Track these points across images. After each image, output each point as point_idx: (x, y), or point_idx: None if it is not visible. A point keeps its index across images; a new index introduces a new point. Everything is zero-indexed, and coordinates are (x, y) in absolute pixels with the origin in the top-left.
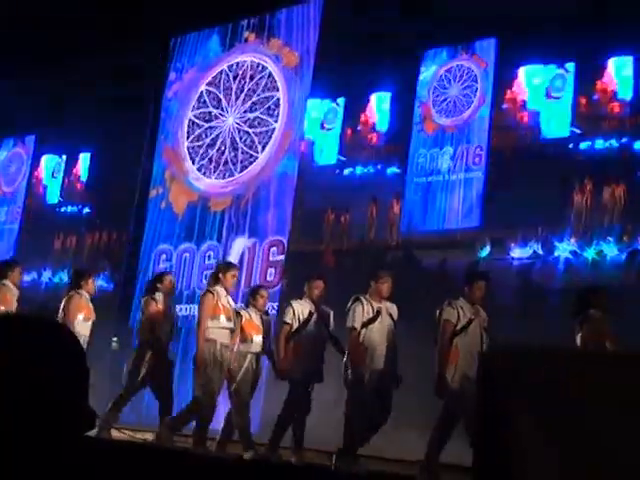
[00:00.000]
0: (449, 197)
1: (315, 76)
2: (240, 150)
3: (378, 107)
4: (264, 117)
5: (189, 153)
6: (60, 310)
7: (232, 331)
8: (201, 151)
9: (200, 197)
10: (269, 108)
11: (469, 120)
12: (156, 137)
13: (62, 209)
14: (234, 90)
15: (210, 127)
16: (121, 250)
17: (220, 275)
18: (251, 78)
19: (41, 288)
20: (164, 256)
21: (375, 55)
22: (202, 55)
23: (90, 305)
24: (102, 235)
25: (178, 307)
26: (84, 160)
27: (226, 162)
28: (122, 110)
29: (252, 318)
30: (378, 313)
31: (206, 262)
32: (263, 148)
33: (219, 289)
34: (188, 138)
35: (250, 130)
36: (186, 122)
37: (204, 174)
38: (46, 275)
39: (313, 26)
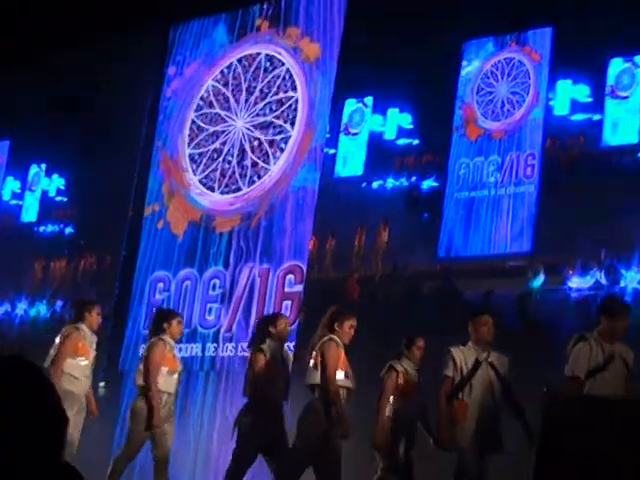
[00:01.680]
0: (496, 216)
1: (339, 71)
2: (251, 160)
3: (412, 108)
4: (279, 120)
5: (191, 163)
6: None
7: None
8: (205, 161)
9: (204, 216)
10: (285, 110)
11: (520, 124)
12: (152, 144)
13: (40, 228)
14: (244, 88)
15: (216, 132)
16: (110, 277)
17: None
18: (264, 74)
19: (15, 322)
20: (161, 285)
21: (409, 47)
22: (206, 47)
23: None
24: (88, 260)
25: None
26: (67, 170)
27: (234, 174)
28: (112, 111)
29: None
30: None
31: (210, 292)
32: (278, 157)
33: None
34: (190, 145)
35: (263, 136)
36: (187, 126)
37: (208, 188)
38: (21, 307)
39: (338, 12)
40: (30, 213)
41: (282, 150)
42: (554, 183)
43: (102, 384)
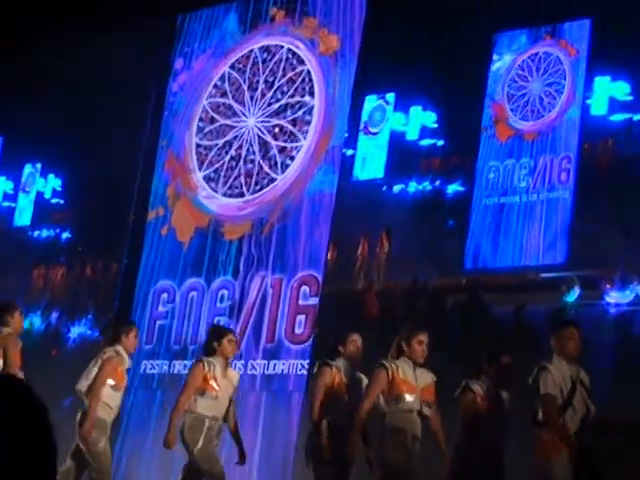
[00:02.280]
0: (527, 224)
1: (359, 66)
2: (263, 160)
3: (437, 106)
4: (294, 118)
5: (198, 163)
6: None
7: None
8: (214, 161)
9: (212, 221)
10: (301, 106)
11: (554, 124)
12: (156, 142)
13: (35, 233)
14: (257, 83)
15: (225, 131)
16: (110, 287)
17: None
18: (278, 68)
19: None
20: (165, 295)
21: (435, 39)
22: (216, 38)
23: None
24: (86, 267)
25: (181, 364)
26: (64, 170)
27: (245, 176)
28: (113, 107)
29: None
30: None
31: (218, 304)
32: (292, 158)
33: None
34: (198, 145)
35: (276, 135)
36: (195, 124)
37: (217, 191)
38: None
39: (358, 1)
40: (24, 216)
41: (297, 151)
42: (591, 189)
43: None
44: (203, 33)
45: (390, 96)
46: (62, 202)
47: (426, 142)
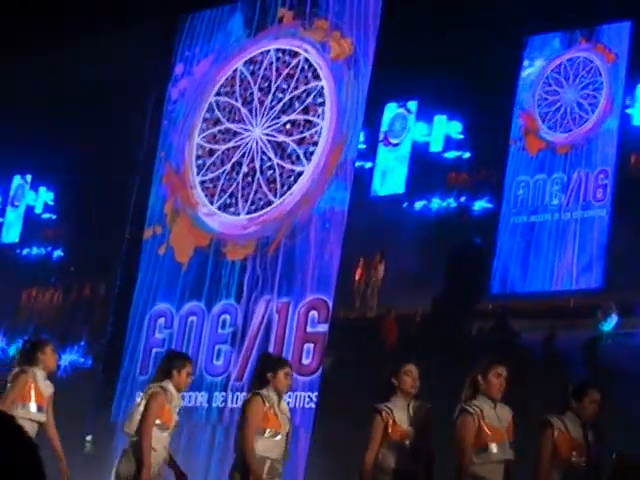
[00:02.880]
0: (560, 245)
1: (377, 71)
2: (269, 174)
3: (463, 115)
4: (303, 129)
5: (199, 178)
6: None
7: None
8: (216, 175)
9: (213, 240)
10: (311, 116)
11: (590, 135)
12: (154, 155)
13: (24, 251)
14: (263, 90)
15: (228, 142)
16: (103, 311)
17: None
18: (287, 75)
19: None
20: (162, 320)
21: (461, 42)
22: (220, 41)
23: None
24: (78, 289)
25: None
26: (56, 183)
27: (250, 191)
28: (107, 115)
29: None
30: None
31: (220, 330)
32: (301, 172)
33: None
34: (199, 157)
35: (284, 146)
36: (196, 134)
37: (219, 208)
38: None
39: (374, 1)
40: (12, 233)
41: (306, 164)
42: (629, 206)
43: (89, 438)
44: (205, 36)
45: (412, 104)
46: (54, 217)
47: (451, 154)
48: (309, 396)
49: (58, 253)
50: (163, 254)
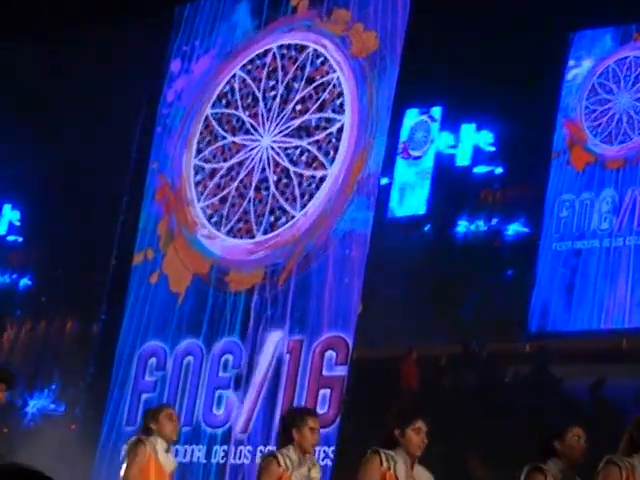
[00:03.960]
0: (610, 276)
1: (402, 72)
2: (280, 190)
3: (495, 124)
4: (319, 138)
5: (198, 193)
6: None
7: None
8: (218, 190)
9: (214, 267)
10: (328, 123)
11: None
12: (146, 167)
13: None
14: (274, 93)
15: (234, 151)
16: (82, 350)
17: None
18: (302, 75)
19: None
20: (154, 361)
21: (494, 40)
22: (224, 34)
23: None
24: (51, 324)
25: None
26: (25, 200)
27: (257, 210)
28: (90, 121)
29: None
30: None
31: (221, 373)
32: (317, 188)
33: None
34: (197, 169)
35: (296, 159)
36: (195, 142)
37: (221, 229)
38: None
39: None
40: None
41: (322, 179)
42: None
43: None
44: (206, 28)
45: (436, 110)
46: (20, 240)
47: (481, 169)
48: (325, 451)
49: (25, 282)
50: (155, 283)
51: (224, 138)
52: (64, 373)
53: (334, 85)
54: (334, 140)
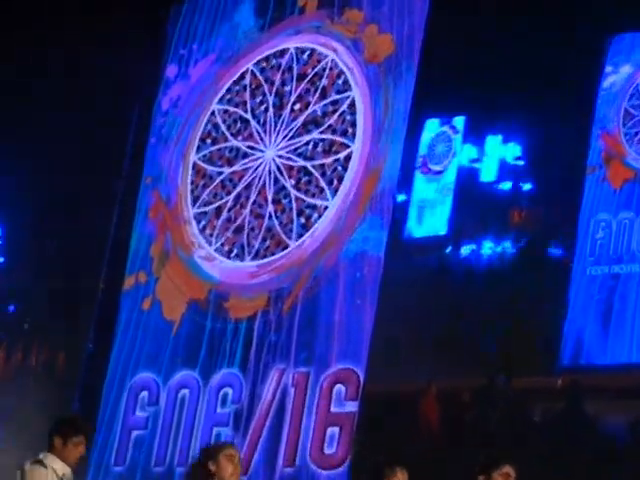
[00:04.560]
0: None
1: (420, 79)
2: (284, 208)
3: (523, 136)
4: (329, 150)
5: (196, 210)
6: None
7: None
8: (217, 208)
9: (213, 291)
10: (338, 133)
11: None
12: (138, 181)
13: None
14: (279, 100)
15: (234, 164)
16: (67, 383)
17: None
18: (310, 81)
19: None
20: (145, 394)
21: (522, 43)
22: (224, 36)
23: None
24: (34, 354)
25: None
26: (5, 217)
27: (260, 229)
28: (77, 129)
29: None
30: None
31: (219, 408)
32: (325, 207)
33: None
34: (195, 184)
35: (304, 173)
36: (192, 154)
37: (220, 251)
38: None
39: None
40: None
41: (333, 194)
42: None
43: None
44: (205, 29)
45: (459, 121)
46: (1, 261)
47: (507, 185)
48: None
49: (6, 306)
50: (148, 309)
51: (220, 162)
52: (49, 407)
53: (346, 94)
54: (345, 152)
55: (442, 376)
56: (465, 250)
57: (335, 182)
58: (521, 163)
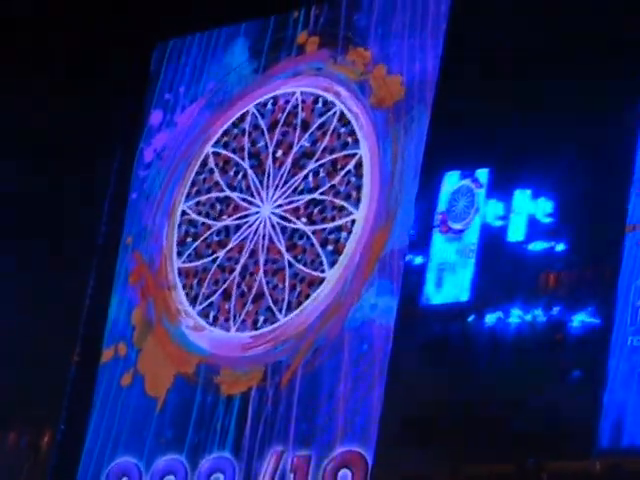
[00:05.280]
0: None
1: (436, 126)
2: (282, 271)
3: (555, 190)
4: (332, 206)
5: (181, 273)
6: None
7: None
8: (206, 270)
9: (202, 365)
10: (342, 187)
11: None
12: (117, 242)
13: None
14: (277, 151)
15: (226, 222)
16: (39, 468)
17: None
18: (309, 129)
19: None
20: None
21: (553, 87)
22: (215, 78)
23: None
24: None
25: None
26: None
27: (254, 296)
28: (48, 186)
29: None
30: None
31: None
32: (330, 265)
33: None
34: (181, 243)
35: (303, 232)
36: (179, 209)
37: (210, 319)
38: None
39: (433, 27)
40: None
41: (336, 255)
42: None
43: None
44: (194, 71)
45: (482, 173)
46: None
47: (538, 246)
48: None
49: None
50: (128, 385)
51: (209, 219)
52: None
53: (350, 144)
54: (351, 206)
55: (466, 460)
56: (490, 319)
57: (339, 242)
58: (552, 220)
